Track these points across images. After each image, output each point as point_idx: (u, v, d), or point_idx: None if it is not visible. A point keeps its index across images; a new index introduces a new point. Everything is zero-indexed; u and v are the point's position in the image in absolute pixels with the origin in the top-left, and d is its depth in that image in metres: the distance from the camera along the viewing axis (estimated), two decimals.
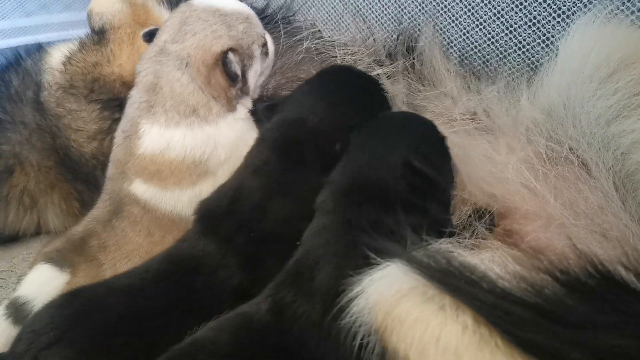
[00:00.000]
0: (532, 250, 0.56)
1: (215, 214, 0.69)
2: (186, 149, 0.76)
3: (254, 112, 0.84)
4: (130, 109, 0.80)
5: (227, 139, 0.78)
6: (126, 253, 0.74)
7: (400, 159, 0.62)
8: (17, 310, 0.67)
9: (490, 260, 0.52)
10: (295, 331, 0.52)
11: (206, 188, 0.76)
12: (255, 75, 0.83)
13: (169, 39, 0.78)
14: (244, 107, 0.83)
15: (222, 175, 0.77)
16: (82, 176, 0.88)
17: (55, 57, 0.92)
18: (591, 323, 0.44)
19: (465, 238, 0.57)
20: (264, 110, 0.79)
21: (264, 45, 0.84)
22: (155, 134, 0.76)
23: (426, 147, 0.65)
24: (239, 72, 0.78)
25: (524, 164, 0.64)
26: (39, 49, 0.96)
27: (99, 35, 0.91)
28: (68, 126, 0.89)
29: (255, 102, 0.87)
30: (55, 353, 0.56)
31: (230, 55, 0.77)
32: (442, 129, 0.75)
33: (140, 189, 0.76)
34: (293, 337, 0.52)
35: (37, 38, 1.72)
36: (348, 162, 0.66)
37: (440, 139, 0.67)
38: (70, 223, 0.85)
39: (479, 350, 0.44)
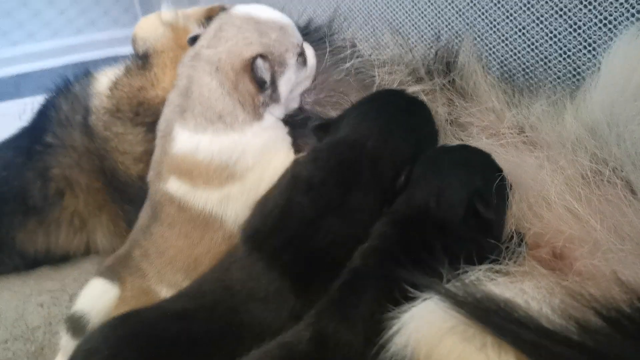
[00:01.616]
0: (579, 278, 0.55)
1: (261, 232, 0.70)
2: (213, 153, 0.78)
3: (290, 121, 0.85)
4: (166, 110, 0.82)
5: (254, 147, 0.79)
6: (169, 259, 0.76)
7: (464, 201, 0.63)
8: (74, 323, 0.72)
9: (533, 291, 0.52)
10: None
11: (235, 191, 0.78)
12: (289, 84, 0.84)
13: (205, 44, 0.81)
14: (273, 115, 0.83)
15: (251, 181, 0.79)
16: (128, 197, 0.90)
17: (102, 82, 0.95)
18: None
19: (508, 265, 0.57)
20: (315, 130, 0.80)
21: (301, 54, 0.85)
22: (186, 138, 0.79)
23: (489, 190, 0.66)
24: (266, 79, 0.79)
25: (567, 187, 0.63)
26: (86, 74, 0.99)
27: (143, 60, 0.93)
28: (115, 149, 0.91)
29: (296, 114, 0.88)
30: None
31: (259, 61, 0.78)
32: (489, 141, 0.75)
33: (174, 185, 0.78)
34: None
35: (85, 56, 1.80)
36: (411, 195, 0.67)
37: (501, 177, 0.67)
38: (117, 243, 0.87)
39: None
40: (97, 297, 0.74)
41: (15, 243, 0.93)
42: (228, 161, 0.77)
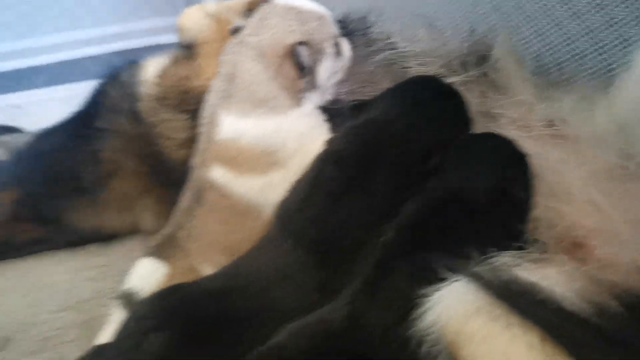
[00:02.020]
0: (599, 264, 0.58)
1: (289, 209, 0.75)
2: (257, 138, 0.82)
3: (338, 114, 0.89)
4: (210, 97, 0.87)
5: (295, 132, 0.83)
6: (209, 242, 0.81)
7: (493, 185, 0.66)
8: (129, 301, 0.76)
9: (556, 276, 0.54)
10: (371, 338, 0.56)
11: (277, 179, 0.81)
12: (326, 72, 0.89)
13: (249, 32, 0.86)
14: (312, 102, 0.88)
15: (294, 167, 0.81)
16: (172, 181, 0.93)
17: (150, 71, 0.99)
18: None
19: (531, 251, 0.60)
20: (351, 108, 0.85)
21: (337, 45, 0.90)
22: (230, 123, 0.83)
23: (516, 174, 0.69)
24: (307, 64, 0.84)
25: (591, 180, 0.65)
26: (134, 62, 1.03)
27: (188, 50, 0.97)
28: (161, 134, 0.96)
29: (332, 104, 0.92)
30: (155, 337, 0.63)
31: (301, 48, 0.83)
32: (519, 132, 0.77)
33: (217, 174, 0.82)
34: (368, 344, 0.56)
35: (128, 44, 1.86)
36: (442, 179, 0.70)
37: (525, 163, 0.70)
38: (162, 224, 0.90)
39: None
40: (148, 276, 0.78)
41: (68, 221, 0.99)
42: (271, 147, 0.81)
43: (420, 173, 0.72)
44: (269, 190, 0.80)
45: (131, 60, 1.04)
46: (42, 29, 1.90)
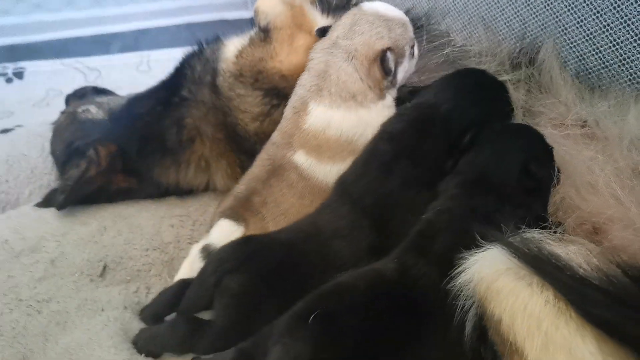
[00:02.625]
0: (612, 247, 0.68)
1: (348, 179, 0.86)
2: (342, 128, 0.92)
3: (399, 99, 0.99)
4: (300, 90, 0.97)
5: (375, 122, 0.92)
6: (283, 210, 0.90)
7: (520, 164, 0.77)
8: (209, 255, 0.86)
9: (575, 252, 0.64)
10: (417, 288, 0.67)
11: None
12: (403, 72, 1.00)
13: (341, 35, 0.96)
14: (391, 96, 0.98)
15: None
16: (245, 149, 1.06)
17: (230, 49, 1.09)
18: None
19: (556, 232, 0.70)
20: (407, 93, 0.97)
21: (412, 47, 1.00)
22: (320, 113, 0.93)
23: (540, 157, 0.79)
24: (393, 68, 0.95)
25: (616, 177, 0.74)
26: (216, 40, 1.14)
27: (264, 33, 1.07)
28: (236, 107, 1.06)
29: (399, 89, 1.02)
30: (234, 277, 0.75)
31: (389, 54, 0.94)
32: (554, 131, 0.87)
33: (301, 158, 0.92)
34: (415, 292, 0.67)
35: (195, 18, 1.97)
36: (476, 158, 0.81)
37: (550, 151, 0.81)
38: (232, 185, 1.02)
39: (556, 318, 0.56)
40: (227, 236, 0.87)
41: (153, 175, 1.11)
42: (353, 137, 0.92)
43: (457, 148, 0.83)
44: None
45: (215, 36, 1.15)
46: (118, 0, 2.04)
